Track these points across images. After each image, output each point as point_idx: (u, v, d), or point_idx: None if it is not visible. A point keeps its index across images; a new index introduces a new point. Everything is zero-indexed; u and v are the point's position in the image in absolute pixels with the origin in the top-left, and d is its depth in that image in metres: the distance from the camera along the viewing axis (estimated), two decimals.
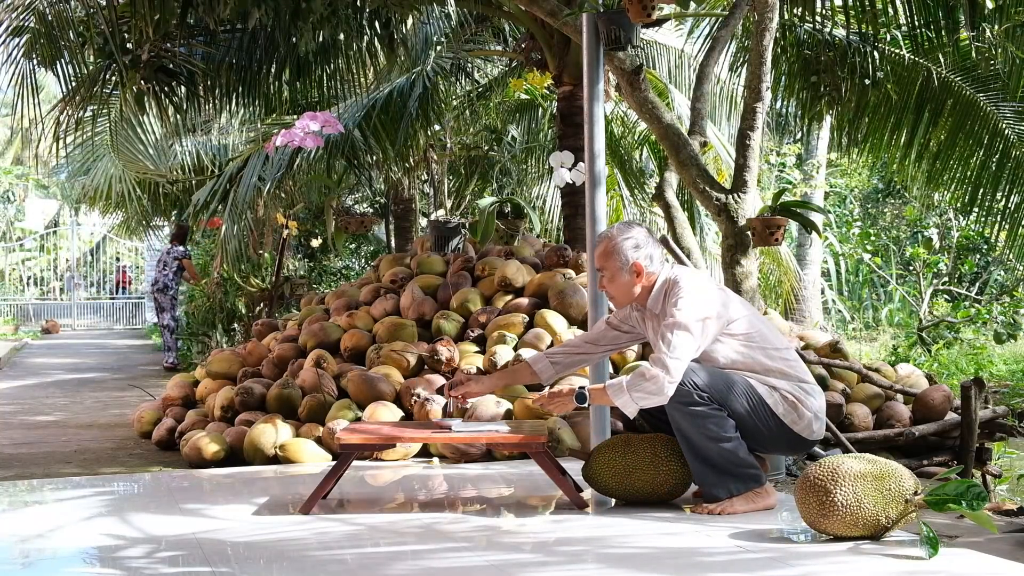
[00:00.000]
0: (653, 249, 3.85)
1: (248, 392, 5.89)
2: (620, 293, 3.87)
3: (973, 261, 14.87)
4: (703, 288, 3.76)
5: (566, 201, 8.01)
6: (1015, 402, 7.60)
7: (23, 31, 7.02)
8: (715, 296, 3.77)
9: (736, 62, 8.35)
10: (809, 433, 3.73)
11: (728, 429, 3.63)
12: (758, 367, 3.74)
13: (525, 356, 5.20)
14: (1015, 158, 7.83)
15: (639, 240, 3.83)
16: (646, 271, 3.81)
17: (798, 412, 3.70)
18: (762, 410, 3.69)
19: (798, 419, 3.71)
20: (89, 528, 3.70)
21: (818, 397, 3.78)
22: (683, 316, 3.63)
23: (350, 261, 15.78)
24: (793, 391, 3.73)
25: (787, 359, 3.80)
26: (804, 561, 3.02)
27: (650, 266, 3.82)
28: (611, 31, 4.76)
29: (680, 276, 3.79)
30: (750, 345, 3.75)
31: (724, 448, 3.63)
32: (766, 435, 3.72)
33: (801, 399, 3.72)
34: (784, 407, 3.70)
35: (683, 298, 3.67)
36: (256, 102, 8.19)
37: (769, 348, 3.78)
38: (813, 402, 3.75)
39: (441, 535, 3.48)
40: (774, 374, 3.74)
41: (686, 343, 3.61)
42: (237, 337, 11.78)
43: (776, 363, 3.76)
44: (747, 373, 3.74)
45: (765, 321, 3.94)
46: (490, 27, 9.99)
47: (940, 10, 7.24)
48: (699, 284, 3.77)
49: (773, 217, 5.45)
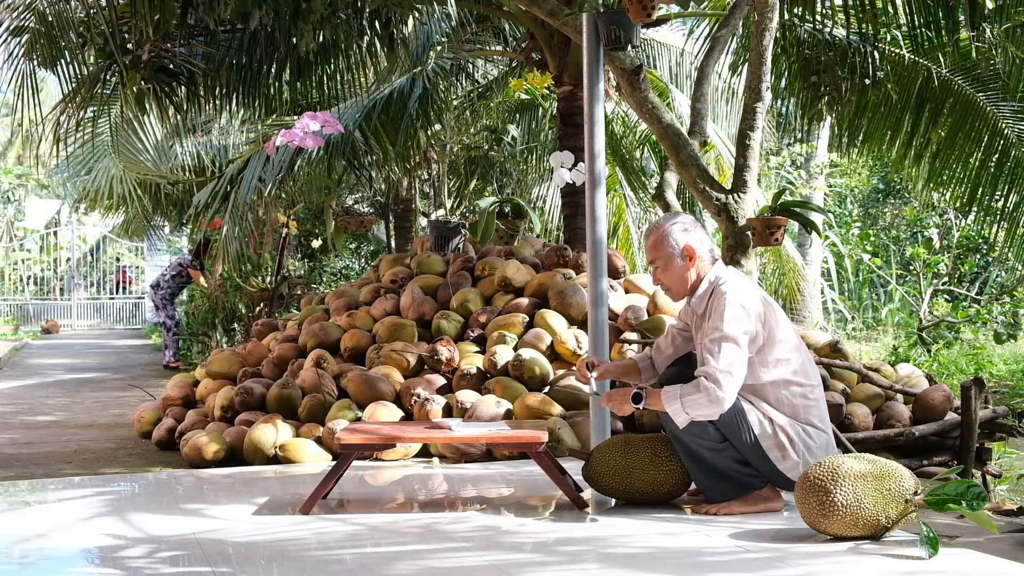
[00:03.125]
0: (702, 234, 3.78)
1: (248, 392, 5.89)
2: (675, 282, 3.79)
3: (973, 261, 14.86)
4: (749, 300, 3.64)
5: (566, 201, 8.01)
6: (1015, 402, 7.60)
7: (23, 31, 7.02)
8: (756, 311, 3.63)
9: (737, 61, 8.34)
10: (795, 475, 3.57)
11: (716, 437, 3.64)
12: (771, 397, 3.64)
13: (631, 355, 5.14)
14: (1015, 158, 7.83)
15: (687, 224, 3.78)
16: (698, 254, 3.74)
17: (784, 452, 3.59)
18: (746, 436, 3.60)
19: (782, 459, 3.60)
20: (89, 528, 3.70)
21: (817, 440, 3.63)
22: (731, 329, 3.54)
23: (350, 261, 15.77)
24: (791, 431, 3.60)
25: (808, 398, 3.66)
26: (804, 561, 3.02)
27: (701, 250, 3.75)
28: (611, 31, 4.76)
29: (727, 283, 3.67)
30: (772, 370, 3.64)
31: (716, 454, 3.65)
32: (742, 457, 3.65)
33: (794, 441, 3.59)
34: (771, 442, 3.60)
35: (730, 310, 3.58)
36: (256, 102, 8.19)
37: (793, 382, 3.64)
38: (811, 447, 3.60)
39: (441, 535, 3.49)
40: (784, 408, 3.63)
41: (737, 358, 3.54)
42: (237, 337, 11.78)
43: (793, 398, 3.63)
44: (752, 397, 3.64)
45: (804, 350, 3.77)
46: (490, 27, 9.99)
47: (940, 10, 7.24)
48: (745, 296, 3.64)
49: (773, 217, 5.45)
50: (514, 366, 5.64)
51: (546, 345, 5.91)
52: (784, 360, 3.65)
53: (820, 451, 3.62)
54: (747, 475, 3.67)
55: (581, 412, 5.34)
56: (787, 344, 3.67)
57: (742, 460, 3.65)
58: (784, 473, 3.61)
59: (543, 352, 5.85)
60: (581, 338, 5.79)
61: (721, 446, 3.64)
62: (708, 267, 3.77)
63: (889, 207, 18.26)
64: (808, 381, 3.69)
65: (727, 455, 3.64)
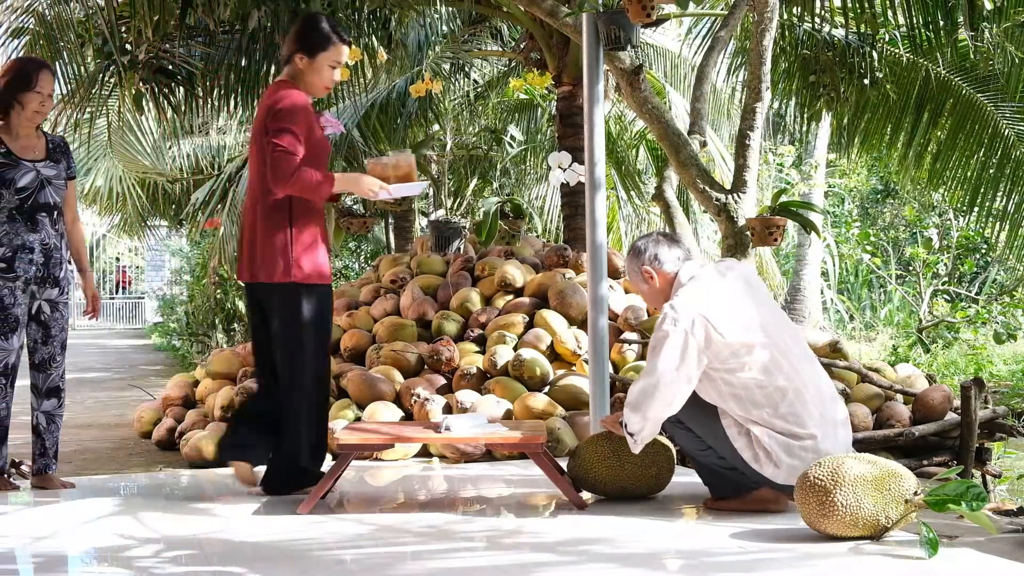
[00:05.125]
0: (656, 248, 3.80)
1: (248, 392, 5.89)
2: (653, 302, 3.90)
3: (972, 261, 14.87)
4: (679, 330, 3.52)
5: (566, 201, 8.01)
6: (1015, 402, 7.60)
7: (23, 32, 7.03)
8: (690, 343, 3.50)
9: (735, 63, 8.35)
10: (784, 481, 3.52)
11: (699, 444, 3.69)
12: (740, 409, 3.57)
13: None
14: (1015, 158, 7.83)
15: (640, 247, 3.83)
16: (656, 271, 3.79)
17: (768, 462, 3.52)
18: (726, 447, 3.59)
19: (769, 467, 3.54)
20: (89, 528, 3.70)
21: (802, 447, 3.50)
22: (657, 363, 3.53)
23: (350, 261, 15.78)
24: (769, 443, 3.52)
25: (779, 405, 3.52)
26: (804, 561, 3.02)
27: (660, 266, 3.78)
28: (611, 31, 4.75)
29: (666, 314, 3.58)
30: (734, 383, 3.56)
31: (703, 455, 3.72)
32: (729, 462, 3.64)
33: (774, 453, 3.51)
34: (751, 453, 3.56)
35: (659, 343, 3.55)
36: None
37: (760, 390, 3.53)
38: (801, 455, 3.49)
39: (442, 535, 3.48)
40: (759, 418, 3.54)
41: (655, 380, 3.54)
42: (237, 337, 11.79)
43: (764, 407, 3.53)
44: (727, 410, 3.60)
45: (781, 348, 3.59)
46: (487, 27, 9.99)
47: (939, 11, 7.24)
48: (676, 327, 3.53)
49: (772, 217, 5.45)
50: (514, 366, 5.64)
51: (546, 345, 5.91)
52: (742, 369, 3.53)
53: (811, 454, 3.49)
54: (739, 475, 3.68)
55: (582, 412, 5.34)
56: (747, 351, 3.53)
57: (729, 465, 3.67)
58: (772, 480, 3.56)
59: (543, 352, 5.85)
60: (581, 338, 5.79)
61: (705, 452, 3.70)
62: (675, 268, 3.76)
63: (888, 207, 18.26)
64: (780, 384, 3.54)
65: (713, 457, 3.69)
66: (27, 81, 4.32)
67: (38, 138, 4.43)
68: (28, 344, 4.51)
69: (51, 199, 4.39)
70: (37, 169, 4.35)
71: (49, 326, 4.49)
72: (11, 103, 4.32)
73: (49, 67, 4.48)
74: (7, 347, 4.39)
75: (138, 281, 23.74)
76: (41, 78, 4.34)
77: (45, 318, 4.47)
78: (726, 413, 3.61)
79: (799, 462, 3.48)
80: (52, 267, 4.42)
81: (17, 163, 4.31)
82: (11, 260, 4.29)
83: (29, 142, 4.39)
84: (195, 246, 16.26)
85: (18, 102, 4.31)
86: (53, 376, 4.58)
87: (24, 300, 4.37)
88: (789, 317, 5.50)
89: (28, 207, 4.32)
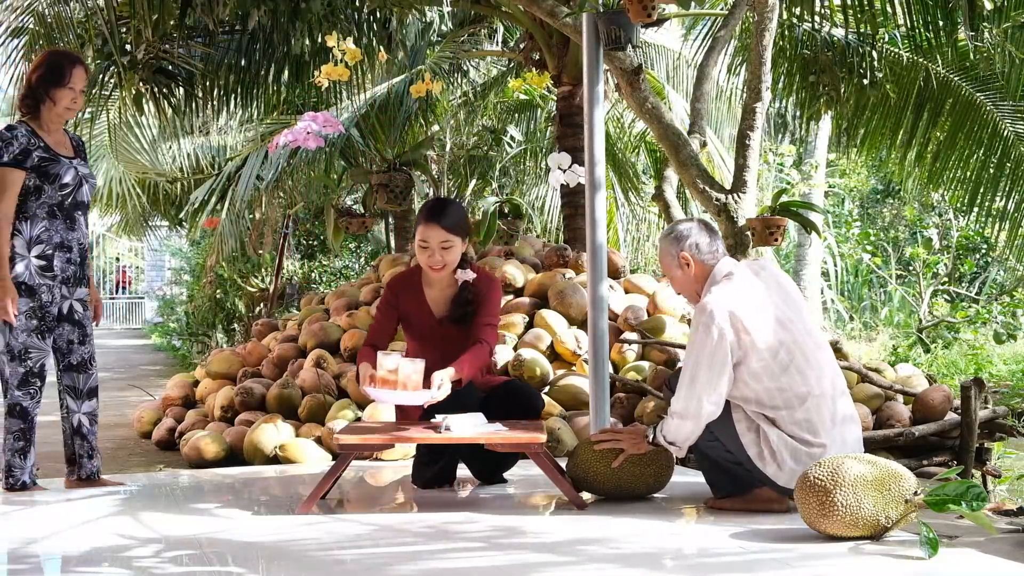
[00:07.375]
0: (699, 238, 3.75)
1: (248, 392, 5.89)
2: (684, 289, 3.82)
3: (972, 261, 14.86)
4: (713, 323, 3.52)
5: (566, 201, 8.01)
6: (1015, 402, 7.60)
7: (22, 32, 7.03)
8: (723, 337, 3.50)
9: (735, 63, 8.35)
10: (787, 483, 3.52)
11: (705, 431, 3.65)
12: (756, 407, 3.57)
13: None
14: (1015, 158, 7.84)
15: (679, 231, 3.78)
16: (694, 260, 3.74)
17: (776, 460, 3.53)
18: (735, 443, 3.59)
19: (776, 469, 3.54)
20: (89, 528, 3.69)
21: (815, 460, 3.43)
22: (694, 356, 3.53)
23: (350, 261, 15.77)
24: (777, 443, 3.53)
25: (795, 411, 3.53)
26: (804, 561, 3.02)
27: (698, 255, 3.74)
28: (611, 31, 4.75)
29: (704, 301, 3.58)
30: (752, 384, 3.57)
31: (712, 447, 3.69)
32: (735, 457, 3.64)
33: (779, 454, 3.52)
34: (758, 449, 3.56)
35: (694, 334, 3.56)
36: (254, 103, 8.19)
37: (779, 395, 3.55)
38: (806, 462, 3.47)
39: (442, 535, 3.48)
40: (773, 421, 3.56)
41: (697, 389, 3.53)
42: (237, 337, 11.79)
43: (777, 411, 3.54)
44: (740, 406, 3.60)
45: (801, 353, 3.57)
46: (486, 28, 9.99)
47: (939, 11, 7.24)
48: (711, 317, 3.53)
49: (772, 217, 5.45)
50: (514, 366, 5.64)
51: (546, 345, 5.91)
52: (763, 372, 3.54)
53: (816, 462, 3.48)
54: (743, 471, 3.67)
55: (582, 412, 5.34)
56: (770, 355, 3.54)
57: (735, 460, 3.66)
58: (774, 480, 3.57)
59: (543, 352, 5.84)
60: (581, 338, 5.79)
61: (713, 444, 3.68)
62: (714, 260, 3.74)
63: (888, 207, 18.26)
64: (800, 390, 3.54)
65: (720, 451, 3.67)
66: (60, 76, 4.16)
67: (63, 135, 4.30)
68: (61, 346, 4.30)
69: (86, 197, 4.28)
70: (75, 167, 4.22)
71: (84, 325, 4.32)
72: (43, 98, 4.17)
73: (83, 62, 4.30)
74: (43, 347, 4.20)
75: (138, 281, 23.73)
76: (75, 74, 4.18)
77: (79, 317, 4.29)
78: (739, 407, 3.61)
79: (802, 468, 3.46)
80: (85, 267, 4.31)
81: (57, 158, 4.16)
82: (51, 258, 4.15)
83: (60, 138, 4.25)
84: (195, 246, 16.26)
85: (49, 97, 4.16)
86: (93, 375, 4.38)
87: (58, 300, 4.23)
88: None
89: (68, 204, 4.18)
